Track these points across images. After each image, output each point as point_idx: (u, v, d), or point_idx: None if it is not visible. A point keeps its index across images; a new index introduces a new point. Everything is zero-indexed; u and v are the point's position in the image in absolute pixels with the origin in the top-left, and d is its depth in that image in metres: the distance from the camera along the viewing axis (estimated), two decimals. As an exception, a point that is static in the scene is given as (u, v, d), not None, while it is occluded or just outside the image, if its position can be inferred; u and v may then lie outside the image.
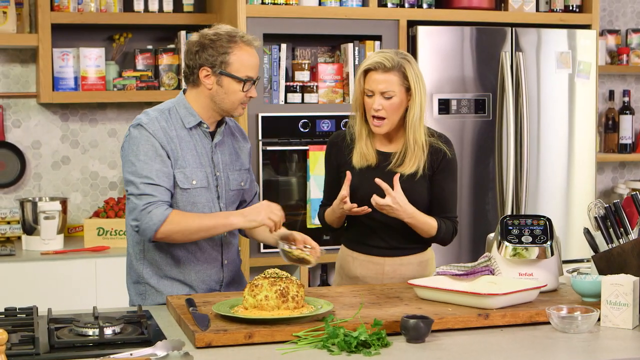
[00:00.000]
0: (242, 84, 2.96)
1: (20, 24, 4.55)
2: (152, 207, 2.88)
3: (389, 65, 3.05)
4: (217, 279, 3.11)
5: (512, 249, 2.93)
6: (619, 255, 2.81)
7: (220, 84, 2.97)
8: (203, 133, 3.04)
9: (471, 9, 4.65)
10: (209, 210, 3.02)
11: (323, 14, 4.44)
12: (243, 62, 2.95)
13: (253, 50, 3.00)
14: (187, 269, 3.05)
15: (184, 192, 2.98)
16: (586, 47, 4.74)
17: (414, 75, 3.07)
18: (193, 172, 3.00)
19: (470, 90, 4.56)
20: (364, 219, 3.17)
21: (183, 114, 3.02)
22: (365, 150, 3.16)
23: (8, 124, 4.71)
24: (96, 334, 2.45)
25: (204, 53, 2.95)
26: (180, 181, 2.97)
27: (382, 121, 3.09)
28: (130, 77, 4.63)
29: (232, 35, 2.97)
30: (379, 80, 3.06)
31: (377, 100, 3.07)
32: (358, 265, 3.24)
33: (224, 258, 3.11)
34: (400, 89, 3.07)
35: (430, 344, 2.45)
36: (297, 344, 2.41)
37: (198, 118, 3.02)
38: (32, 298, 3.76)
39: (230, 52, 2.94)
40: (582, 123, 4.77)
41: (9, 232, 4.59)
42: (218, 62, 2.94)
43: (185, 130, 3.01)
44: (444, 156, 3.18)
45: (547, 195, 4.72)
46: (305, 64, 4.49)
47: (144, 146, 2.94)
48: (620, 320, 2.59)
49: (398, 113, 3.10)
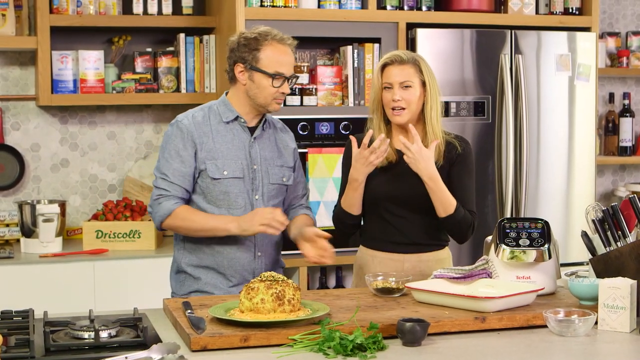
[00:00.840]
0: (271, 79, 3.13)
1: (19, 27, 4.55)
2: (163, 200, 3.15)
3: (405, 58, 3.20)
4: (250, 269, 3.24)
5: (509, 252, 2.92)
6: (616, 259, 2.81)
7: (252, 79, 3.16)
8: (241, 127, 3.23)
9: (470, 11, 4.64)
10: (243, 201, 3.19)
11: (322, 16, 4.43)
12: (272, 58, 3.14)
13: (285, 48, 3.17)
14: (221, 258, 3.21)
15: (216, 182, 3.17)
16: (586, 49, 4.74)
17: (427, 70, 3.22)
18: (225, 163, 3.17)
19: (469, 92, 4.55)
20: (386, 215, 3.23)
21: (222, 109, 3.24)
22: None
23: (7, 126, 4.70)
24: (92, 337, 2.45)
25: (239, 50, 3.17)
26: (210, 171, 3.16)
27: (402, 111, 3.19)
28: (129, 79, 4.63)
29: (265, 33, 3.17)
30: (397, 72, 3.19)
31: (397, 92, 3.18)
32: (377, 263, 3.28)
33: (257, 250, 3.24)
34: (417, 80, 3.20)
35: (426, 347, 2.45)
36: (293, 347, 2.41)
37: (235, 113, 3.22)
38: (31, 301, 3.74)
39: (260, 48, 3.14)
40: (582, 126, 4.76)
41: (7, 235, 4.59)
42: (249, 58, 3.14)
43: (222, 124, 3.21)
44: (461, 154, 3.25)
45: (546, 198, 4.71)
46: (305, 66, 4.48)
47: (170, 145, 3.18)
48: (617, 323, 2.59)
49: (417, 104, 3.20)
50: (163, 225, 3.18)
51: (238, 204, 3.19)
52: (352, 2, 4.50)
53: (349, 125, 4.42)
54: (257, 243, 3.23)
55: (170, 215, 3.14)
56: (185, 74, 4.68)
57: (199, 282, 3.23)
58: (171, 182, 3.15)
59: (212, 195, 3.18)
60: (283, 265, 3.44)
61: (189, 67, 4.68)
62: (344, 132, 4.41)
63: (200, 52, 4.67)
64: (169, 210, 3.14)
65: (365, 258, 3.33)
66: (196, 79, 4.68)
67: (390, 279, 2.98)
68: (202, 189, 3.19)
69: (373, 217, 3.27)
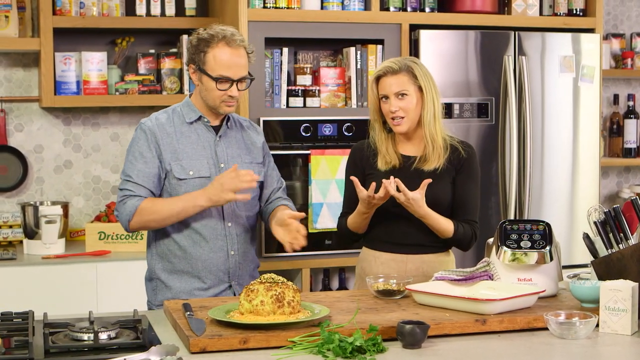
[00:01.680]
0: (215, 82, 3.10)
1: (22, 28, 4.55)
2: (127, 199, 3.11)
3: (396, 68, 3.18)
4: (225, 269, 3.20)
5: (510, 254, 2.91)
6: (618, 261, 2.79)
7: (200, 80, 3.16)
8: (205, 127, 3.21)
9: (474, 12, 4.63)
10: None
11: (325, 17, 4.43)
12: (217, 61, 3.10)
13: (234, 50, 3.11)
14: (194, 260, 3.17)
15: (182, 182, 3.14)
16: (590, 51, 4.72)
17: (422, 74, 3.20)
18: (191, 164, 3.15)
19: (472, 94, 4.54)
20: (389, 216, 3.22)
21: (185, 111, 3.22)
22: (388, 156, 3.25)
23: (10, 128, 4.71)
24: (91, 338, 2.45)
25: (191, 50, 3.16)
26: (176, 172, 3.14)
27: (402, 120, 3.19)
28: (132, 81, 4.63)
29: (214, 34, 3.11)
30: (391, 82, 3.18)
31: (393, 103, 3.18)
32: (380, 264, 3.27)
33: (230, 248, 3.20)
34: (412, 87, 3.18)
35: (426, 349, 2.44)
36: (292, 349, 2.40)
37: (198, 113, 3.20)
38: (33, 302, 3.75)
39: (207, 50, 3.11)
40: (586, 127, 4.75)
41: (10, 236, 4.59)
42: (197, 60, 3.13)
43: (186, 125, 3.19)
44: (465, 160, 3.24)
45: (551, 199, 4.70)
46: (307, 67, 4.48)
47: (134, 147, 3.17)
48: (619, 326, 2.57)
49: (415, 111, 3.19)
50: (131, 225, 3.12)
51: None
52: (355, 4, 4.49)
53: (351, 126, 4.41)
54: (229, 241, 3.20)
55: (135, 212, 3.08)
56: (188, 76, 4.66)
57: (171, 290, 3.19)
58: (135, 182, 3.11)
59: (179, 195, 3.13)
60: (257, 263, 3.38)
61: (192, 68, 4.67)
62: (347, 134, 4.41)
63: (203, 53, 4.67)
64: (134, 207, 3.09)
65: (368, 259, 3.31)
66: (199, 80, 4.68)
67: (391, 281, 2.97)
68: (170, 190, 3.15)
69: (376, 219, 3.26)
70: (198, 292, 3.18)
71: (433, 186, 3.15)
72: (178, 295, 3.18)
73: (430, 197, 3.14)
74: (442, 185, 3.21)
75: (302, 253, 4.37)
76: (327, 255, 4.44)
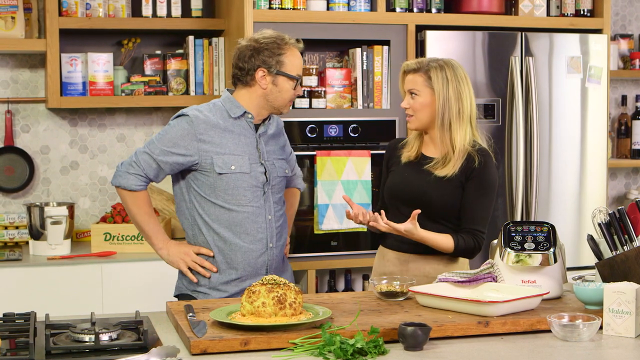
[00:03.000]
0: (294, 82, 3.24)
1: (28, 29, 4.56)
2: (134, 171, 3.22)
3: (415, 67, 3.26)
4: (263, 261, 3.28)
5: (514, 255, 2.90)
6: (622, 263, 2.78)
7: (275, 83, 3.24)
8: (247, 123, 3.28)
9: (480, 13, 4.62)
10: (251, 195, 3.23)
11: (331, 18, 4.42)
12: (294, 63, 3.25)
13: (299, 52, 3.29)
14: (234, 251, 3.24)
15: (221, 176, 3.20)
16: (598, 51, 4.70)
17: (439, 78, 3.21)
18: (233, 158, 3.21)
19: (479, 95, 4.52)
20: (397, 213, 3.25)
21: (229, 106, 3.27)
22: (411, 150, 3.32)
23: (17, 129, 4.72)
24: (92, 340, 2.44)
25: (260, 55, 3.22)
26: (218, 166, 3.19)
27: (411, 117, 3.26)
28: (139, 82, 4.63)
29: (282, 38, 3.25)
30: (408, 80, 3.28)
31: (406, 99, 3.27)
32: (387, 261, 3.32)
33: (269, 241, 3.28)
34: (424, 89, 3.23)
35: (428, 351, 2.43)
36: (293, 351, 2.40)
37: (243, 109, 3.26)
38: (38, 303, 3.76)
39: (283, 53, 3.23)
40: (594, 128, 4.73)
41: (17, 237, 4.60)
42: (274, 63, 3.21)
43: (230, 120, 3.25)
44: (475, 165, 3.22)
45: (558, 201, 4.68)
46: (313, 68, 4.47)
47: (170, 130, 3.22)
48: (622, 328, 2.56)
49: (424, 112, 3.23)
50: (117, 190, 3.27)
51: (247, 198, 3.22)
52: (361, 4, 4.48)
53: (357, 127, 4.40)
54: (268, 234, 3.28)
55: (128, 191, 3.22)
56: (195, 77, 4.67)
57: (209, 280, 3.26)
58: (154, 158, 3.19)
59: (219, 189, 3.20)
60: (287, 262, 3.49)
61: (198, 69, 4.68)
62: (352, 135, 4.40)
63: (209, 54, 4.67)
64: (132, 186, 3.22)
65: (379, 257, 3.38)
66: (205, 81, 4.68)
67: (395, 283, 2.96)
68: (207, 184, 3.21)
69: (390, 214, 3.27)
70: (235, 282, 3.25)
71: (436, 187, 3.18)
72: (216, 285, 3.25)
73: (439, 201, 3.18)
74: (450, 191, 3.20)
75: (308, 254, 4.38)
76: (333, 257, 4.44)
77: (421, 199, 3.20)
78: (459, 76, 3.23)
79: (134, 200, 3.24)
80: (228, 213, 3.22)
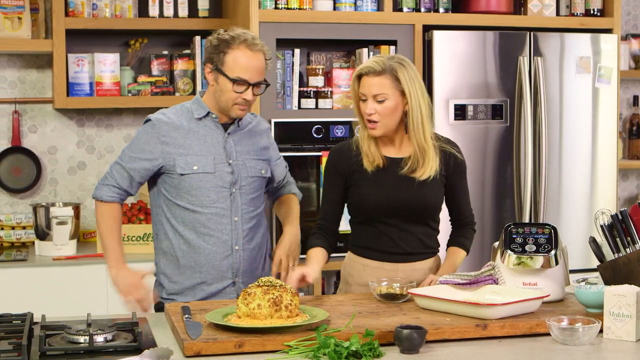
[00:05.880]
0: (232, 83, 3.08)
1: (35, 30, 4.56)
2: (107, 182, 3.20)
3: (379, 69, 3.02)
4: (228, 264, 3.18)
5: (515, 258, 2.87)
6: (624, 265, 2.74)
7: (217, 80, 3.13)
8: (214, 123, 3.20)
9: (489, 13, 4.58)
10: (216, 195, 3.16)
11: (337, 18, 4.39)
12: (236, 63, 3.08)
13: (254, 54, 3.10)
14: (197, 254, 3.16)
15: (184, 177, 3.14)
16: (608, 51, 4.65)
17: (407, 78, 3.02)
18: (196, 159, 3.15)
19: (487, 95, 4.49)
20: (378, 224, 3.13)
21: (194, 107, 3.22)
22: (371, 155, 3.12)
23: (24, 129, 4.72)
24: (87, 341, 2.43)
25: (210, 50, 3.15)
26: (180, 167, 3.14)
27: (376, 124, 3.05)
28: (145, 82, 4.63)
29: (235, 36, 3.11)
30: (371, 83, 3.03)
31: (370, 105, 3.04)
32: (369, 272, 3.16)
33: (235, 243, 3.18)
34: (393, 92, 3.02)
35: (424, 354, 2.40)
36: (287, 353, 2.38)
37: (207, 109, 3.19)
38: (42, 304, 3.76)
39: (227, 51, 3.09)
40: (604, 129, 4.68)
41: (24, 237, 4.61)
42: (216, 60, 3.11)
43: (194, 121, 3.19)
44: (455, 160, 3.17)
45: (568, 202, 4.63)
46: (320, 69, 4.45)
47: (138, 137, 3.20)
48: (623, 332, 2.52)
49: (393, 116, 3.05)
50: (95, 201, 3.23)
51: (210, 199, 3.15)
52: (368, 4, 4.45)
53: (364, 128, 4.37)
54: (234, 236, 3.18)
55: (101, 202, 3.19)
56: (201, 77, 4.66)
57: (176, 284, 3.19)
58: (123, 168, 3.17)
59: (183, 190, 3.15)
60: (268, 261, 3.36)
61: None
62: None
63: (216, 54, 4.65)
64: (102, 197, 3.18)
65: (356, 267, 3.21)
66: (212, 81, 4.67)
67: (395, 285, 2.94)
68: (172, 185, 3.16)
69: (363, 227, 3.17)
70: (200, 286, 3.18)
71: (423, 192, 3.09)
72: (183, 290, 3.18)
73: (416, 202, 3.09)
74: (436, 191, 3.13)
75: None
76: (339, 258, 4.37)
77: (413, 207, 3.09)
78: (416, 71, 3.07)
79: (102, 212, 3.19)
80: (192, 214, 3.15)
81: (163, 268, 3.24)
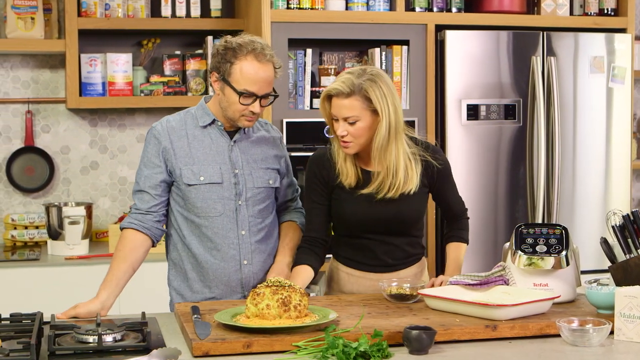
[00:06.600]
0: (239, 96, 2.93)
1: (48, 30, 4.58)
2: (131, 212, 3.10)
3: (347, 91, 2.89)
4: (237, 279, 3.07)
5: (526, 258, 2.85)
6: (636, 266, 2.72)
7: (223, 91, 2.98)
8: (219, 131, 3.07)
9: (502, 13, 4.56)
10: (222, 207, 3.03)
11: (349, 18, 4.39)
12: (244, 75, 2.92)
13: (261, 65, 2.93)
14: (205, 269, 3.06)
15: (192, 187, 3.02)
16: (622, 51, 4.63)
17: (379, 96, 2.90)
18: (202, 169, 3.03)
19: (500, 95, 4.47)
20: (361, 239, 3.09)
21: (199, 114, 3.09)
22: (345, 169, 3.03)
23: (37, 129, 4.74)
24: (95, 341, 2.44)
25: (216, 58, 2.98)
26: (186, 177, 3.02)
27: (349, 143, 2.96)
28: (158, 82, 4.63)
29: (243, 45, 2.93)
30: (341, 105, 2.91)
31: (342, 126, 2.94)
32: (354, 281, 3.13)
33: (243, 258, 3.07)
34: (364, 112, 2.91)
35: (433, 355, 2.39)
36: (296, 354, 2.37)
37: (212, 116, 3.06)
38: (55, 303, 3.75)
39: (234, 62, 2.92)
40: (618, 129, 4.65)
41: (37, 237, 4.62)
42: (222, 70, 2.95)
43: (199, 128, 3.07)
44: (435, 169, 3.08)
45: (582, 203, 4.61)
46: (332, 69, 4.44)
47: (143, 152, 3.11)
48: (634, 333, 2.50)
49: (366, 135, 2.95)
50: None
51: (217, 210, 3.03)
52: (380, 4, 4.44)
53: (376, 128, 4.36)
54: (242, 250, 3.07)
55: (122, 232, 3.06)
56: (211, 79, 4.67)
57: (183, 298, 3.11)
58: (142, 190, 3.05)
59: (189, 202, 3.04)
60: None
61: (217, 69, 4.66)
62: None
63: (228, 54, 4.65)
64: (122, 225, 3.07)
65: (339, 274, 3.16)
66: (224, 81, 4.67)
67: (405, 285, 2.93)
68: (180, 196, 3.05)
69: (347, 239, 3.12)
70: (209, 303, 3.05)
71: (404, 206, 3.02)
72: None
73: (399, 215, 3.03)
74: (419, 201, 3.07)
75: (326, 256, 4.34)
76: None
77: (394, 222, 3.04)
78: (389, 84, 2.93)
79: (120, 238, 3.07)
80: (199, 228, 3.04)
81: (172, 280, 3.16)
